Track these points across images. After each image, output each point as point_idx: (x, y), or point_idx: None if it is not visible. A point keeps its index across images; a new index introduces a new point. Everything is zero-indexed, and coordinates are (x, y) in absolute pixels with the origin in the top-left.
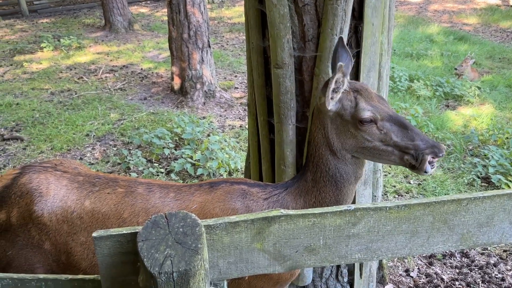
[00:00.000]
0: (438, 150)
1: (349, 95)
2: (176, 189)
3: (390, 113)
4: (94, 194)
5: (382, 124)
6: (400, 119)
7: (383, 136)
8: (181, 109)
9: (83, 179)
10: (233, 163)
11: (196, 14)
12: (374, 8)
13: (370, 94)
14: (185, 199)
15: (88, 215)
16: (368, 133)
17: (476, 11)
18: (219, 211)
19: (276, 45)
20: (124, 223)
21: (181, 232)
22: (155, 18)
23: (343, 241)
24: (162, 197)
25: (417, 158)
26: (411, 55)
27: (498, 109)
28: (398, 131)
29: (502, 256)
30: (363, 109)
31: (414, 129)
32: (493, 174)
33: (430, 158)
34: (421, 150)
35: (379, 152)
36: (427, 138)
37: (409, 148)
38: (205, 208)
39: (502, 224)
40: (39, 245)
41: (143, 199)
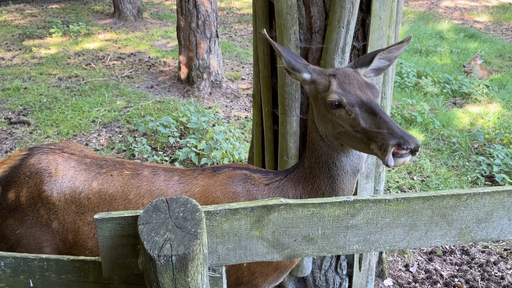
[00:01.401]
0: (403, 141)
1: (325, 78)
2: (180, 172)
3: (363, 98)
4: (102, 175)
5: (350, 108)
6: (372, 105)
7: (352, 121)
8: (187, 98)
9: (91, 161)
10: (237, 154)
11: (205, 3)
12: (382, 1)
13: (351, 80)
14: (188, 183)
15: (96, 196)
16: (338, 117)
17: (488, 9)
18: (221, 194)
19: (282, 35)
20: (130, 204)
21: (181, 217)
22: (165, 6)
23: (341, 231)
24: (167, 180)
25: (381, 147)
26: (420, 51)
27: (505, 108)
28: (367, 118)
29: (502, 255)
30: (331, 91)
31: (385, 117)
32: (498, 173)
33: (394, 149)
34: (385, 140)
35: (352, 139)
36: (397, 128)
37: (375, 135)
38: (207, 191)
39: (501, 221)
40: (47, 224)
41: (149, 181)
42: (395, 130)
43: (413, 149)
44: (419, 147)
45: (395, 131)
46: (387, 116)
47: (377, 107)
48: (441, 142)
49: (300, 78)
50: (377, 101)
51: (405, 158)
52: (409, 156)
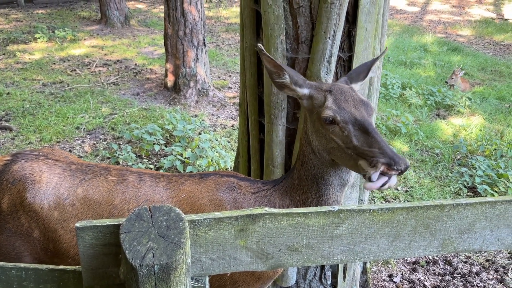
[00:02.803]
0: (393, 162)
1: (322, 94)
2: (167, 178)
3: (357, 117)
4: (87, 182)
5: (344, 126)
6: (365, 124)
7: (345, 138)
8: (174, 106)
9: (76, 167)
10: (222, 162)
11: (193, 12)
12: (367, 13)
13: (346, 97)
14: (175, 188)
15: (80, 202)
16: (332, 133)
17: (470, 23)
18: (207, 201)
19: (269, 45)
20: (115, 210)
21: (164, 226)
22: (152, 14)
23: (326, 241)
24: (153, 186)
25: (370, 164)
26: (404, 63)
27: (487, 121)
28: (359, 136)
29: (484, 265)
30: (326, 107)
31: (377, 137)
32: (480, 184)
33: (383, 167)
34: (376, 158)
35: (343, 155)
36: (388, 148)
37: (365, 153)
38: (194, 198)
39: (483, 232)
40: (28, 233)
41: (134, 187)
42: (386, 150)
43: (402, 170)
44: (408, 168)
45: (386, 151)
46: (379, 135)
47: (370, 126)
48: (425, 153)
49: (299, 93)
50: (371, 119)
51: (393, 180)
52: (395, 179)
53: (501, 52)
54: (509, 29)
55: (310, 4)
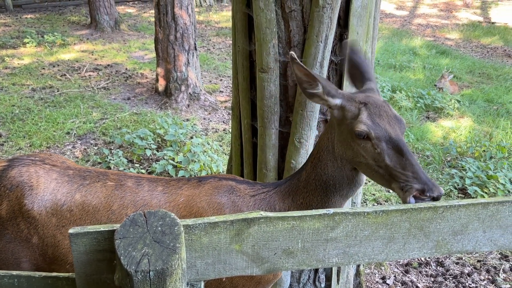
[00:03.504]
0: (427, 188)
1: (355, 106)
2: (165, 183)
3: (392, 135)
4: (85, 187)
5: (377, 143)
6: (400, 145)
7: (377, 156)
8: (165, 110)
9: (73, 172)
10: (215, 166)
11: (184, 16)
12: (359, 17)
13: (381, 112)
14: (173, 193)
15: (78, 208)
16: (362, 148)
17: (458, 27)
18: (206, 204)
19: (262, 49)
20: (113, 215)
21: (159, 231)
22: (142, 18)
23: (321, 244)
24: (151, 190)
25: (403, 188)
26: (394, 67)
27: (476, 123)
28: (393, 155)
29: (476, 266)
30: (360, 122)
31: (411, 159)
32: (470, 186)
33: (416, 193)
34: (409, 182)
35: (372, 172)
36: (422, 172)
37: (398, 176)
38: (192, 202)
39: (476, 233)
40: (27, 239)
41: (132, 192)
42: (420, 175)
43: (435, 197)
44: (442, 196)
45: (420, 176)
46: (413, 158)
47: (405, 147)
48: (416, 155)
49: (331, 103)
50: (403, 136)
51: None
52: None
53: (488, 55)
54: (496, 32)
55: (302, 8)
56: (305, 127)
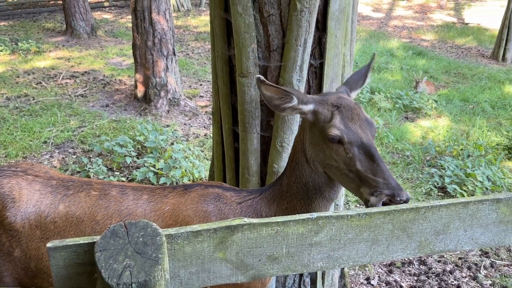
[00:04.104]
0: (397, 194)
1: (328, 109)
2: (150, 191)
3: (363, 140)
4: (69, 197)
5: (349, 147)
6: (372, 150)
7: (348, 160)
8: (144, 116)
9: (57, 183)
10: (197, 172)
11: (161, 21)
12: (337, 20)
13: (353, 115)
14: (158, 201)
15: (62, 219)
16: (335, 152)
17: (433, 28)
18: (192, 213)
19: (241, 54)
20: (98, 226)
21: (141, 242)
22: (119, 24)
23: (305, 249)
24: (136, 199)
25: (373, 194)
26: (372, 68)
27: (453, 122)
28: (364, 161)
29: (457, 264)
30: (333, 126)
31: (382, 165)
32: (449, 184)
33: (386, 199)
34: (380, 188)
35: (342, 176)
36: (391, 178)
37: (369, 181)
38: (178, 210)
39: (458, 232)
40: (9, 252)
41: (117, 201)
42: (390, 182)
43: (404, 201)
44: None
45: (390, 182)
46: (383, 163)
47: (376, 152)
48: (396, 155)
49: (305, 110)
50: (374, 141)
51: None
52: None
53: (463, 55)
54: (469, 33)
55: (280, 13)
56: (286, 130)
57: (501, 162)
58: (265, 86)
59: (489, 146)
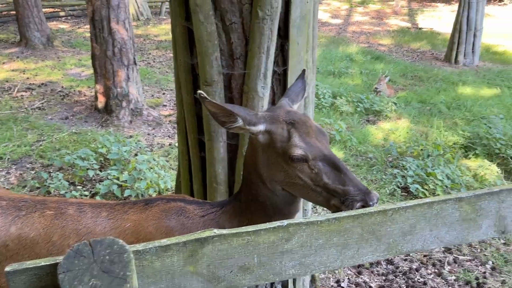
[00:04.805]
0: (369, 198)
1: (283, 127)
2: (109, 208)
3: (325, 152)
4: (21, 219)
5: (314, 163)
6: (335, 160)
7: (314, 176)
8: (106, 128)
9: (7, 203)
10: (162, 183)
11: (121, 31)
12: (298, 27)
13: (308, 129)
14: (118, 218)
15: (15, 242)
16: (299, 170)
17: (389, 33)
18: (154, 229)
19: (204, 62)
20: (54, 247)
21: (107, 260)
22: (77, 34)
23: (277, 257)
24: (94, 217)
25: (344, 202)
26: (333, 73)
27: (412, 123)
28: (330, 173)
29: (423, 261)
30: (295, 145)
31: (348, 173)
32: (411, 184)
33: (359, 206)
34: (351, 196)
35: (308, 191)
36: (360, 184)
37: (338, 192)
38: (140, 227)
39: (424, 232)
40: None
41: (74, 220)
42: (361, 188)
43: (375, 203)
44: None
45: (361, 188)
46: (349, 171)
47: (340, 162)
48: (359, 158)
49: (254, 131)
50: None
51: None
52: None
53: (418, 59)
54: (423, 37)
55: (242, 20)
56: None
57: (459, 160)
58: (208, 102)
59: (447, 146)
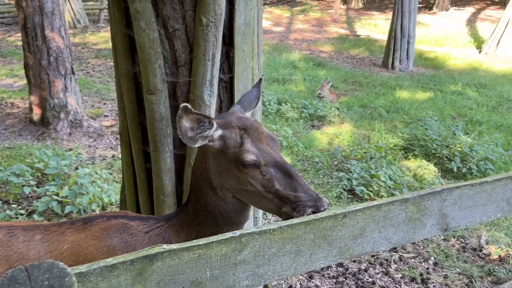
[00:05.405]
0: (320, 204)
1: (235, 133)
2: (44, 229)
3: (277, 158)
4: None
5: (266, 169)
6: (286, 166)
7: (266, 182)
8: (43, 141)
9: None
10: (106, 197)
11: (56, 39)
12: (243, 34)
13: (260, 135)
14: (55, 240)
15: None
16: (250, 177)
17: (330, 40)
18: (94, 250)
19: (147, 70)
20: None
21: (46, 286)
22: (8, 43)
23: (230, 269)
24: (27, 241)
25: (296, 209)
26: (277, 80)
27: (355, 127)
28: (282, 179)
29: (371, 261)
30: (247, 151)
31: (299, 180)
32: (357, 186)
33: (310, 212)
34: (303, 202)
35: (259, 198)
36: (311, 191)
37: (290, 198)
38: (78, 248)
39: (373, 234)
40: None
41: (4, 245)
42: (311, 194)
43: (326, 209)
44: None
45: (312, 195)
46: (300, 178)
47: (291, 169)
48: (306, 162)
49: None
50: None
51: None
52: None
53: (357, 65)
54: (362, 44)
55: (185, 27)
56: None
57: (399, 161)
58: (189, 115)
59: (388, 148)
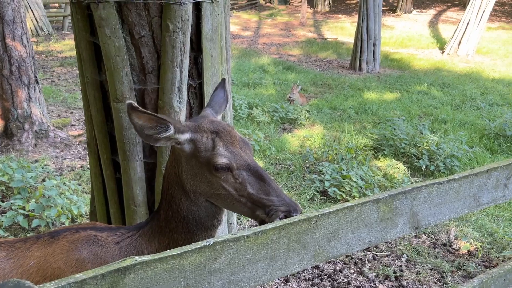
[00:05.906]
0: (292, 209)
1: (207, 136)
2: (8, 246)
3: (249, 162)
4: None
5: (238, 172)
6: (259, 170)
7: (238, 186)
8: (7, 154)
9: None
10: (76, 209)
11: (18, 47)
12: (211, 40)
13: (232, 139)
14: (20, 256)
15: None
16: (223, 180)
17: (298, 44)
18: (62, 264)
19: (114, 78)
20: None
21: None
22: None
23: (205, 279)
24: None
25: (268, 213)
26: (248, 85)
27: (325, 129)
28: (254, 183)
29: (345, 262)
30: (219, 154)
31: (272, 184)
32: (329, 187)
33: (282, 216)
34: (275, 207)
35: (233, 202)
36: (283, 195)
37: (263, 202)
38: (45, 263)
39: (347, 235)
40: None
41: None
42: (284, 198)
43: (298, 213)
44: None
45: (284, 199)
46: (273, 182)
47: (264, 172)
48: (279, 166)
49: (181, 139)
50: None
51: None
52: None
53: (326, 67)
54: (329, 47)
55: (152, 34)
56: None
57: (370, 162)
58: (137, 113)
59: (358, 148)
